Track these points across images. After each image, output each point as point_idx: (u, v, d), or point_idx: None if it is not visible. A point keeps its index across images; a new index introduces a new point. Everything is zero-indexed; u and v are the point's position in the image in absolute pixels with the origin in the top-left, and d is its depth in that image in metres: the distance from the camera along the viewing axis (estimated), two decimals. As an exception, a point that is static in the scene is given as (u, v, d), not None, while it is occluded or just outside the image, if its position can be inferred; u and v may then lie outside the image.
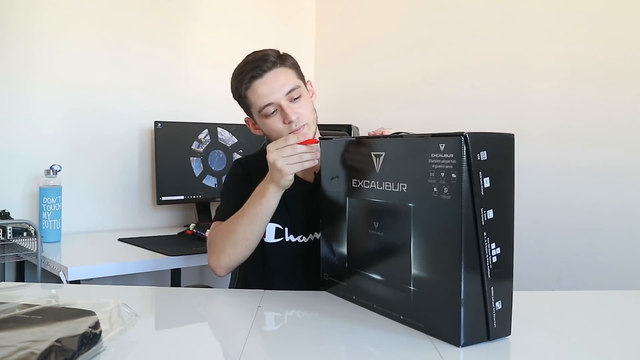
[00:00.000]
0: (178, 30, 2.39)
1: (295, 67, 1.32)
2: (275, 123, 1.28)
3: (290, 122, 1.25)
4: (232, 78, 1.33)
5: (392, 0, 2.52)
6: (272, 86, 1.26)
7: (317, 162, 1.16)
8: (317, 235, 1.31)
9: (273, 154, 1.14)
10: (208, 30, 2.47)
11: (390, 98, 2.50)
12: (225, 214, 1.31)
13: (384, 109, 2.52)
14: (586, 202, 1.83)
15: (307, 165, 1.15)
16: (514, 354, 0.86)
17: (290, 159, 1.13)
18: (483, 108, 2.13)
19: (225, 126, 2.34)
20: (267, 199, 1.19)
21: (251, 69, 1.27)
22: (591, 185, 1.82)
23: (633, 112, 1.73)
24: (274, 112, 1.27)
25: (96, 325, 0.77)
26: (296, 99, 1.27)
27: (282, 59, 1.30)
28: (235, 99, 1.35)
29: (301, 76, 1.33)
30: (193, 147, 2.27)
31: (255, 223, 1.22)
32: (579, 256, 1.84)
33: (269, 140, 1.32)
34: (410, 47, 2.42)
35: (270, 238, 1.33)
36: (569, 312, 1.09)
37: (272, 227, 1.32)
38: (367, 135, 1.16)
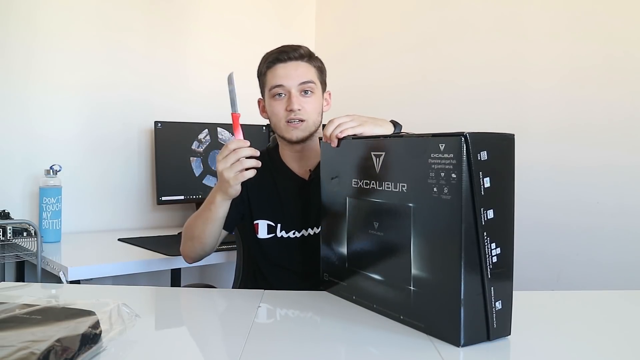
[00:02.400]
0: (178, 31, 2.39)
1: (321, 70, 1.39)
2: (278, 106, 1.33)
3: (291, 110, 1.31)
4: (261, 59, 1.40)
5: (392, 0, 2.52)
6: (289, 72, 1.32)
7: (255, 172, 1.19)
8: (311, 231, 1.35)
9: (220, 164, 1.20)
10: (208, 30, 2.47)
11: (390, 98, 2.50)
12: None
13: (384, 109, 2.51)
14: (586, 202, 1.83)
15: (248, 175, 1.18)
16: (514, 354, 0.86)
17: (235, 167, 1.18)
18: (483, 107, 2.13)
19: (225, 126, 2.34)
20: (215, 206, 1.26)
21: (279, 52, 1.34)
22: (591, 185, 1.82)
23: (633, 111, 1.73)
24: (281, 96, 1.33)
25: (96, 325, 0.77)
26: (307, 93, 1.33)
27: (311, 57, 1.36)
28: (257, 77, 1.41)
29: (322, 81, 1.39)
30: (193, 147, 2.27)
31: (207, 225, 1.30)
32: (579, 256, 1.84)
33: (271, 125, 1.39)
34: (410, 47, 2.42)
35: (263, 234, 1.38)
36: (568, 312, 1.09)
37: (264, 224, 1.37)
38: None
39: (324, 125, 1.43)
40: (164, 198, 2.20)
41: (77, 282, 1.59)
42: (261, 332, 0.94)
